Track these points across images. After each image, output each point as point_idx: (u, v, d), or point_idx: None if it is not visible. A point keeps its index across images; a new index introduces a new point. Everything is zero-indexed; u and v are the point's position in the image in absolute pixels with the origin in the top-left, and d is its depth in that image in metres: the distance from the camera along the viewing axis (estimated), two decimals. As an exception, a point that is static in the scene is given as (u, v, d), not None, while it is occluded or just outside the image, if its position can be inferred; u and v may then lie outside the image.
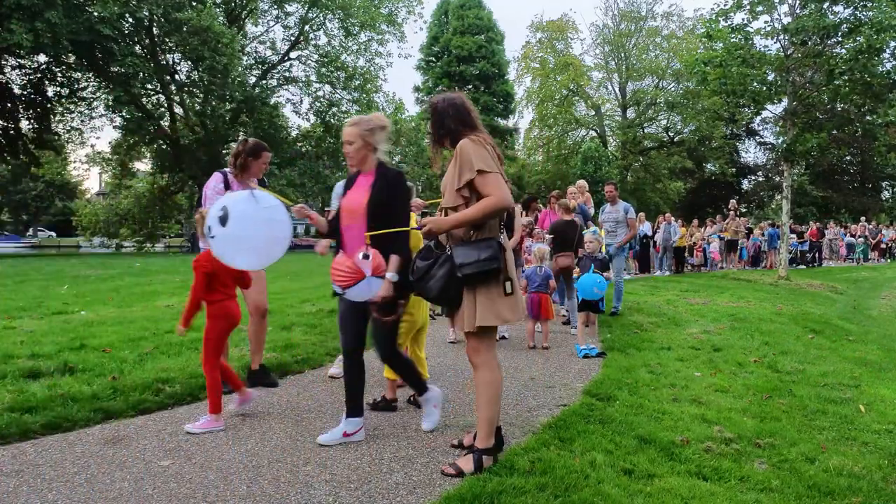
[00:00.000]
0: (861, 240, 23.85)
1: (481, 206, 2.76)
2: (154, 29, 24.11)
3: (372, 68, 29.33)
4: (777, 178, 34.54)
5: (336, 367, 4.62)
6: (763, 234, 19.25)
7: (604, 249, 5.96)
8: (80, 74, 24.37)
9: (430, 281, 2.84)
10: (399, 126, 28.33)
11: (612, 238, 7.91)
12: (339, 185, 4.19)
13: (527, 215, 9.00)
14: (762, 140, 39.65)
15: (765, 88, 13.88)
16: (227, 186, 4.00)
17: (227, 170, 4.09)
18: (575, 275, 6.02)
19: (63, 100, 24.82)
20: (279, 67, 29.11)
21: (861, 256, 23.56)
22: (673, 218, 16.38)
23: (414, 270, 2.94)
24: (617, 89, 39.60)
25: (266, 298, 4.29)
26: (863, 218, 26.75)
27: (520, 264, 6.44)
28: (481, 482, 2.64)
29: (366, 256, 3.04)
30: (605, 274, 5.79)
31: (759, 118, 31.91)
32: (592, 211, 9.27)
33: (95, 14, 19.74)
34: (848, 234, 24.41)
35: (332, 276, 3.10)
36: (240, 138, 4.35)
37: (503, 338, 6.14)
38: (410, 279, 2.97)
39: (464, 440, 3.14)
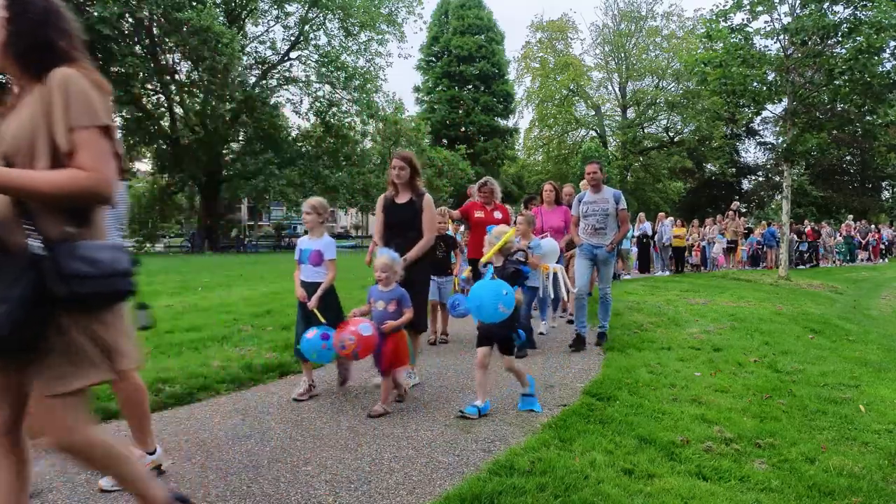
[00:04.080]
0: (840, 239, 23.25)
1: (73, 178, 1.64)
2: (154, 29, 24.12)
3: (372, 68, 29.36)
4: (777, 178, 34.62)
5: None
6: (762, 236, 19.23)
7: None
8: (79, 74, 24.41)
9: None
10: (399, 126, 28.27)
11: (601, 237, 5.73)
12: None
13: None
14: (762, 140, 39.84)
15: (765, 88, 13.88)
16: None
17: None
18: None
19: (63, 100, 24.87)
20: (279, 67, 29.11)
21: (841, 257, 22.78)
22: (665, 218, 16.38)
23: None
24: (617, 89, 39.65)
25: None
26: (850, 216, 26.54)
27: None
28: (481, 482, 2.64)
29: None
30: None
31: (759, 118, 31.95)
32: None
33: (95, 14, 19.73)
34: (840, 235, 24.11)
35: None
36: None
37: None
38: None
39: None
